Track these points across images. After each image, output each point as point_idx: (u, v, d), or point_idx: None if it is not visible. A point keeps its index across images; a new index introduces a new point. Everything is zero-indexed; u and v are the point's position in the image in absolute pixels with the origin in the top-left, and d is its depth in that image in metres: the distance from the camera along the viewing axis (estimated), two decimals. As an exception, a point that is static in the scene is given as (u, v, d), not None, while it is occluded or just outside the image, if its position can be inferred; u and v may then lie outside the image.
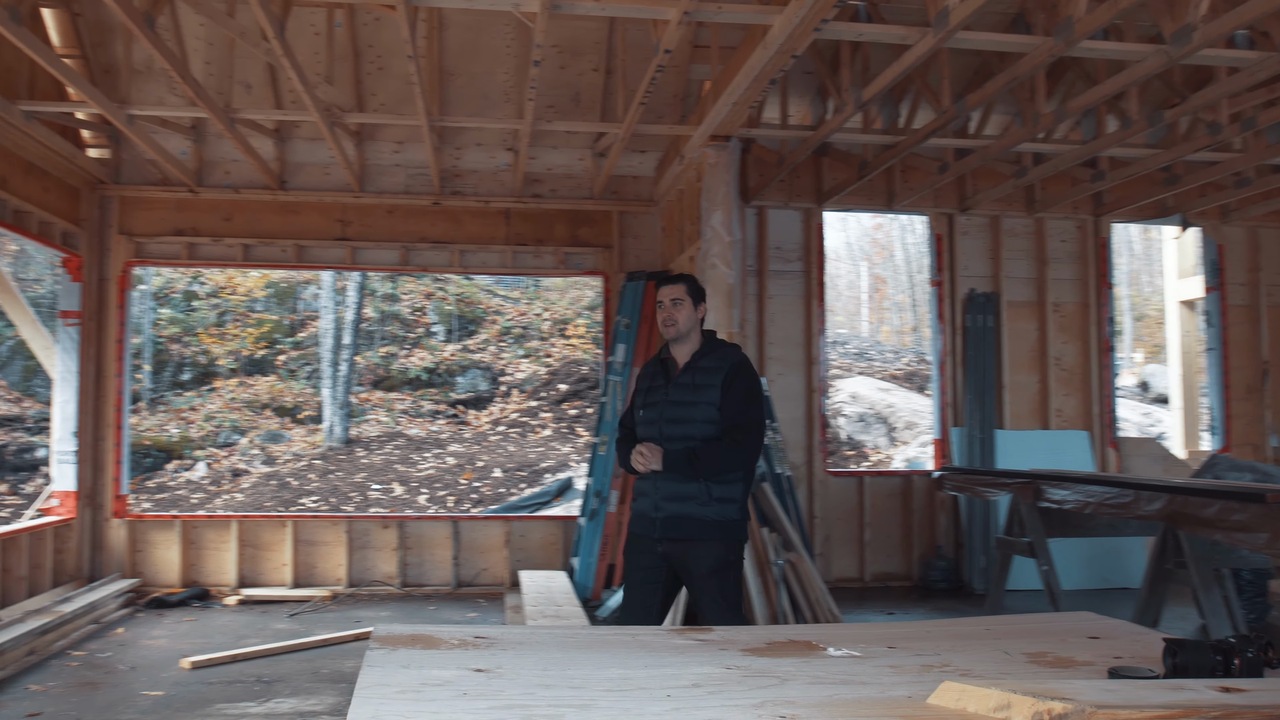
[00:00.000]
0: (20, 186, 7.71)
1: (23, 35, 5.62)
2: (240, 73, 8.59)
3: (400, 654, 2.54)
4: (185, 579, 8.83)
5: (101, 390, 8.90)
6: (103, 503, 8.83)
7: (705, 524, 4.20)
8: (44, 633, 6.76)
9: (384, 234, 9.23)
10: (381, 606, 8.44)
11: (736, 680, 2.36)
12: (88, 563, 8.70)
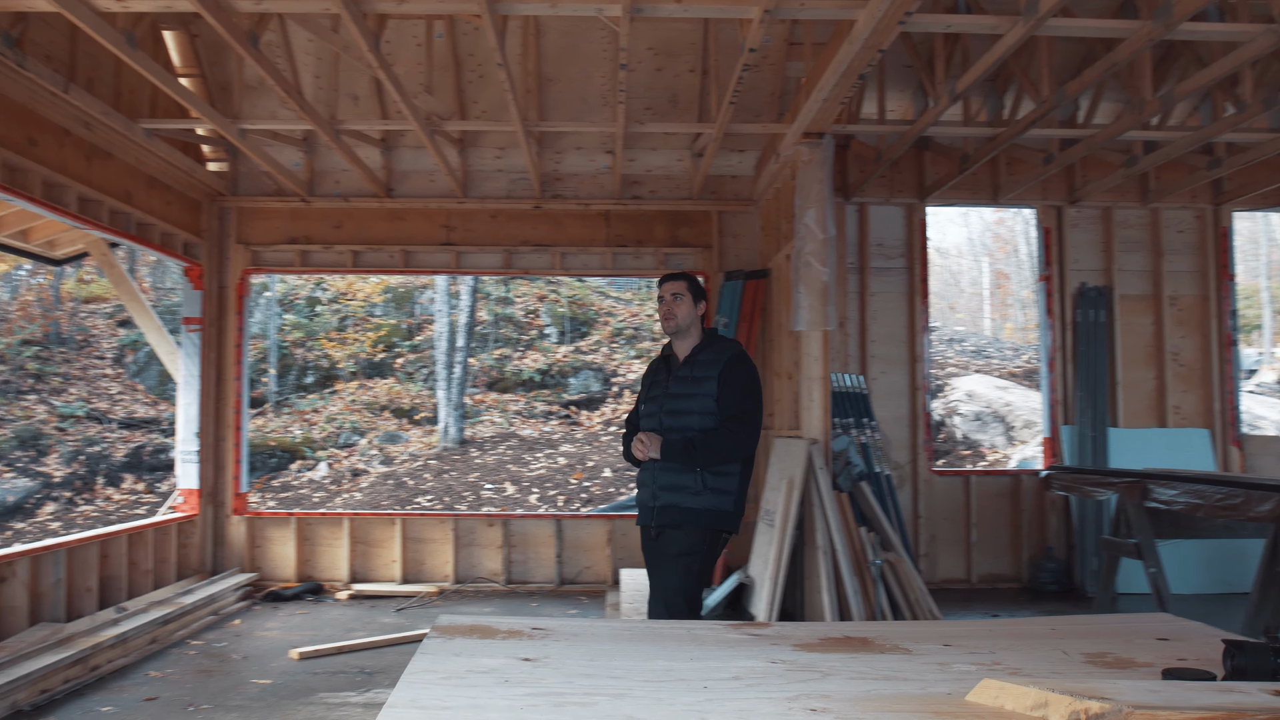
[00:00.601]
0: (144, 200, 8.12)
1: (139, 58, 5.90)
2: (348, 85, 8.87)
3: (455, 643, 2.62)
4: (300, 574, 9.16)
5: (222, 393, 9.30)
6: (224, 500, 9.23)
7: (691, 512, 4.32)
8: (165, 622, 7.11)
9: (487, 238, 9.43)
10: (485, 603, 8.62)
11: (778, 674, 2.37)
12: (210, 557, 9.10)
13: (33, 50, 6.35)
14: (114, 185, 7.61)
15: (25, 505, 15.13)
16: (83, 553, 7.18)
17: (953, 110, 8.73)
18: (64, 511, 15.25)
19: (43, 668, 5.58)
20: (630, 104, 8.82)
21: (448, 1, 5.72)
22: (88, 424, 17.30)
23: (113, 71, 7.37)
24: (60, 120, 6.84)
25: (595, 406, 19.58)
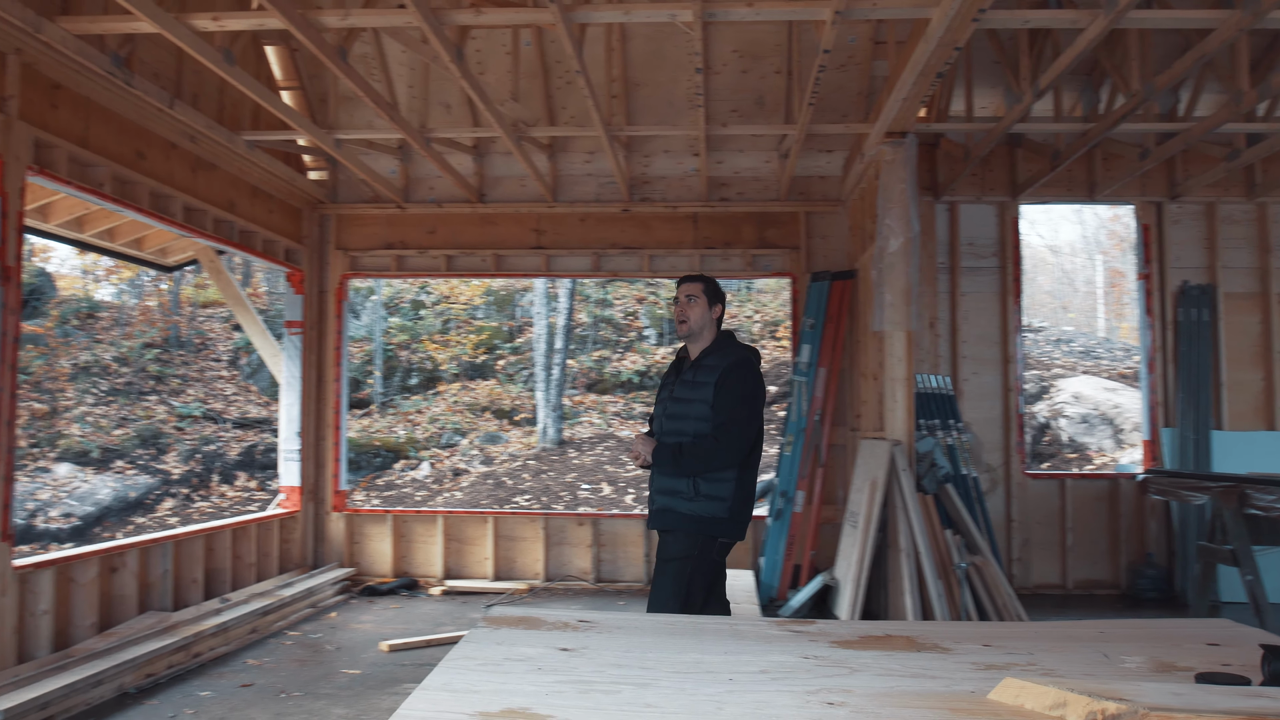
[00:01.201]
0: (247, 209, 8.47)
1: (237, 74, 6.18)
2: (440, 94, 9.12)
3: (501, 632, 2.72)
4: (396, 570, 9.44)
5: (322, 393, 9.64)
6: (324, 497, 9.56)
7: (683, 517, 4.28)
8: (265, 614, 7.41)
9: (577, 241, 9.58)
10: (574, 601, 8.76)
11: (806, 669, 2.42)
12: (311, 552, 9.44)
13: (141, 69, 6.69)
14: (218, 195, 7.96)
15: (146, 501, 15.85)
16: (189, 546, 7.53)
17: (1044, 106, 8.57)
18: (181, 507, 15.94)
19: (148, 653, 5.89)
20: (715, 106, 8.88)
21: (524, 11, 5.86)
22: (204, 424, 18.03)
23: (217, 87, 7.71)
24: (167, 134, 7.19)
25: (693, 408, 19.60)
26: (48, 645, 5.86)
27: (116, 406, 18.03)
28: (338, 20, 5.64)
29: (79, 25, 5.67)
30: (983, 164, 9.12)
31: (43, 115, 5.88)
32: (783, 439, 9.06)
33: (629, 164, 9.36)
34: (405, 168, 9.60)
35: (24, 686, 5.03)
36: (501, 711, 2.02)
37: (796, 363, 8.99)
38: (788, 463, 8.80)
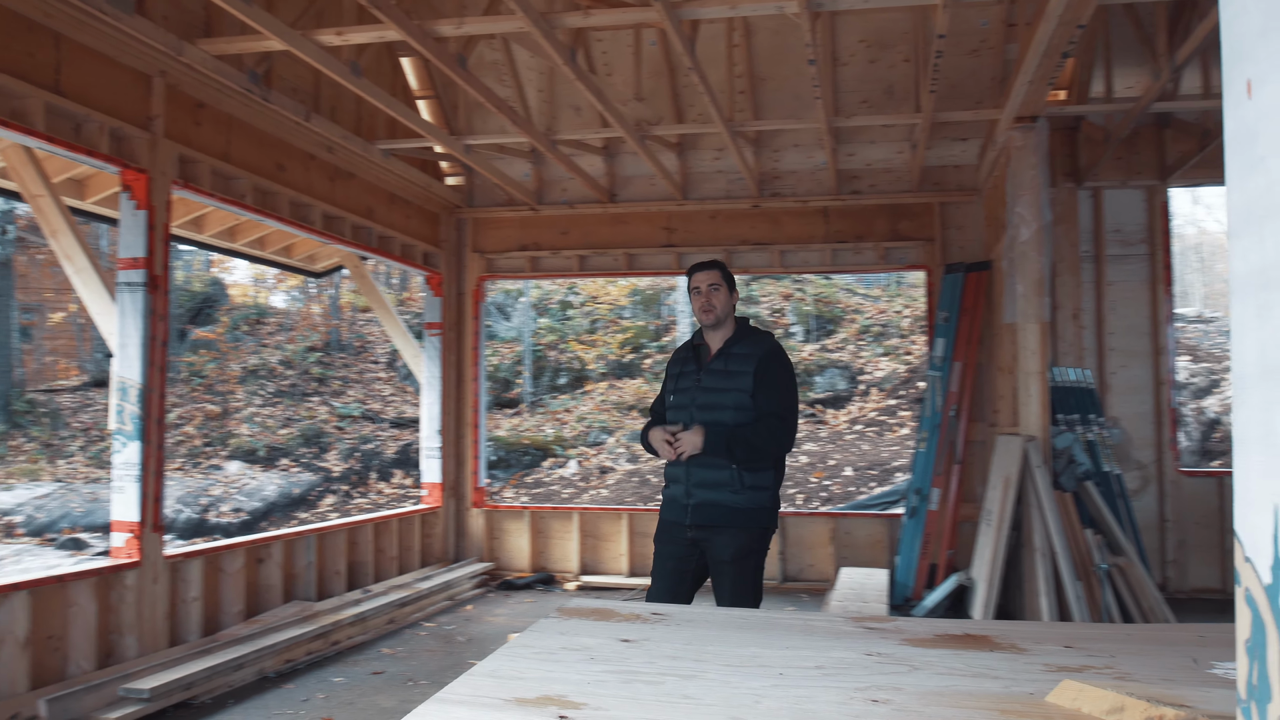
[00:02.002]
0: (384, 215, 8.79)
1: (364, 85, 6.43)
2: (569, 97, 9.26)
3: (569, 623, 2.76)
4: (534, 565, 9.64)
5: (461, 393, 9.92)
6: (464, 493, 9.84)
7: (734, 511, 4.12)
8: (402, 605, 7.68)
9: (707, 238, 9.58)
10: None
11: (864, 665, 2.37)
12: (452, 547, 9.73)
13: (280, 85, 7.04)
14: (355, 203, 8.29)
15: (309, 497, 16.60)
16: (332, 539, 7.86)
17: (1193, 83, 8.14)
18: (341, 503, 16.63)
19: (287, 639, 6.18)
20: (844, 98, 8.76)
21: (632, 11, 5.90)
22: (363, 423, 18.77)
23: (354, 99, 8.03)
24: (305, 146, 7.53)
25: (841, 405, 19.38)
26: (197, 630, 6.22)
27: (282, 407, 18.95)
28: (452, 29, 5.81)
29: (217, 46, 6.00)
30: (1129, 147, 8.72)
31: (186, 132, 6.24)
32: (917, 435, 8.86)
33: (758, 159, 9.32)
34: (538, 171, 9.79)
35: (170, 667, 5.36)
36: (537, 698, 2.06)
37: (931, 357, 8.77)
38: (922, 459, 8.60)
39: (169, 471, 16.69)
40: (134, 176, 5.81)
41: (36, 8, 5.10)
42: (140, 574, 5.68)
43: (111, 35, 5.51)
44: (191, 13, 6.18)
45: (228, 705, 5.35)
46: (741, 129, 8.03)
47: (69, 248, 5.95)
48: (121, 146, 5.75)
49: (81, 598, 5.36)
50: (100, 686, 5.00)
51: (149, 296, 5.78)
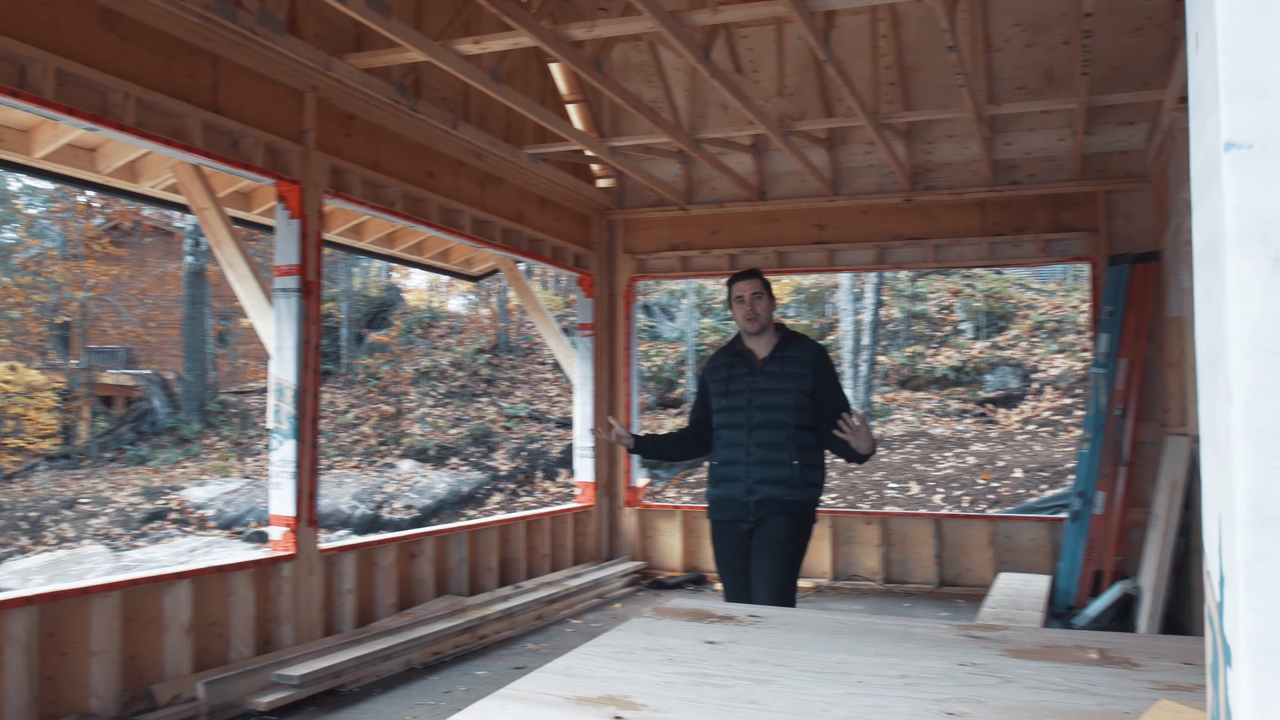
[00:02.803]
0: (534, 219, 8.96)
1: (505, 92, 6.57)
2: (716, 95, 9.22)
3: (660, 623, 2.75)
4: (686, 565, 9.65)
5: (613, 393, 10.03)
6: (617, 493, 9.94)
7: (791, 504, 4.29)
8: (550, 601, 7.81)
9: (858, 234, 9.40)
10: (859, 600, 8.60)
11: (952, 676, 2.28)
12: (605, 545, 9.83)
13: (429, 95, 7.26)
14: (505, 207, 8.48)
15: (477, 495, 17.08)
16: (484, 536, 8.07)
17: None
18: (508, 501, 17.05)
19: (435, 632, 6.37)
20: (999, 85, 8.44)
21: (762, 5, 5.84)
22: (529, 423, 19.20)
23: (503, 105, 8.21)
24: (454, 153, 7.75)
25: (1013, 404, 18.70)
26: (351, 621, 6.48)
27: (452, 408, 19.57)
28: (585, 32, 5.87)
29: (364, 60, 6.24)
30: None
31: (337, 144, 6.51)
32: (1080, 435, 8.45)
33: (910, 152, 9.07)
34: (687, 170, 9.79)
35: (321, 656, 5.60)
36: (599, 698, 2.05)
37: (1095, 353, 8.35)
38: (1086, 461, 8.20)
39: (346, 469, 17.47)
40: (288, 187, 6.10)
41: (196, 32, 5.41)
42: (296, 566, 5.96)
43: (265, 54, 5.79)
44: (342, 29, 6.45)
45: (374, 694, 5.56)
46: (888, 121, 7.83)
47: (231, 256, 6.29)
48: (276, 159, 6.05)
49: (241, 587, 5.66)
50: (255, 672, 5.26)
51: (303, 301, 6.06)
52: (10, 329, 21.21)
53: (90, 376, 21.12)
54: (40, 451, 20.27)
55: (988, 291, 21.13)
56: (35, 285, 21.71)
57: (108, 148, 6.44)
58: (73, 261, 21.25)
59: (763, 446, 4.34)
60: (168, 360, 24.01)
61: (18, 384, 21.20)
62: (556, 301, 23.79)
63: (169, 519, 14.79)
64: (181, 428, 20.11)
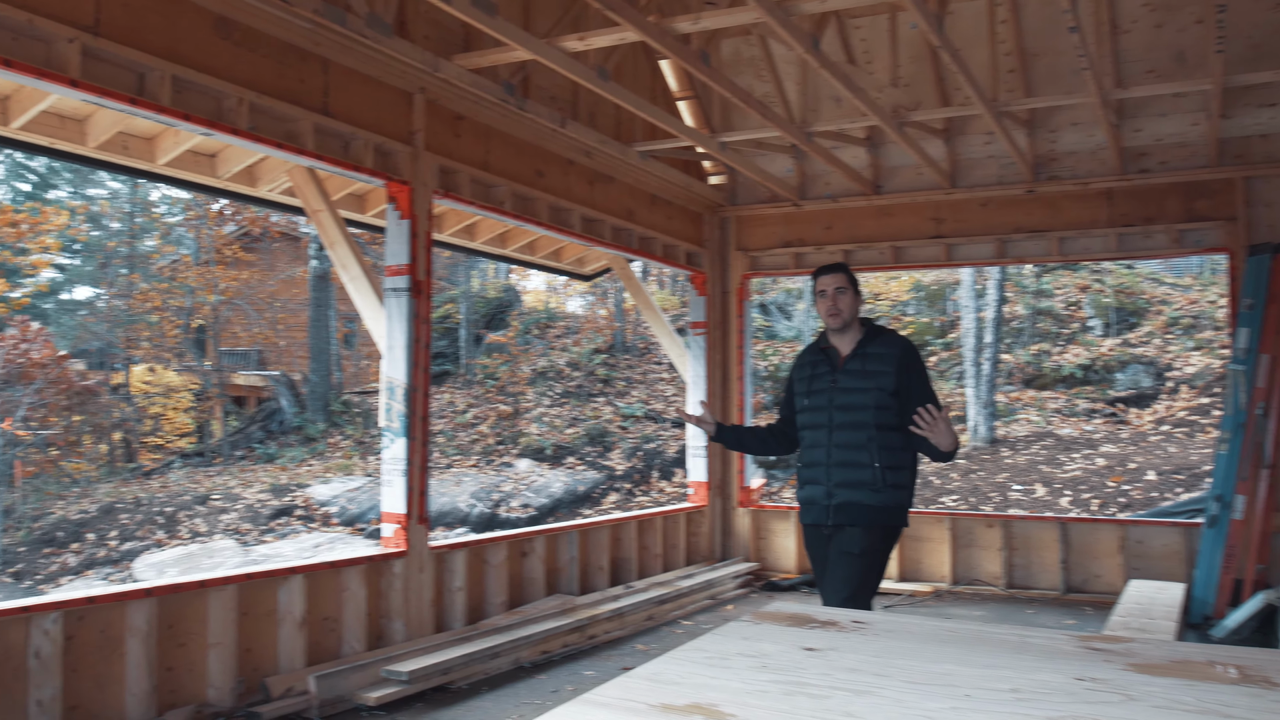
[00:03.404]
0: (645, 217, 8.92)
1: (612, 89, 6.53)
2: (829, 88, 9.02)
3: (758, 627, 2.65)
4: (800, 566, 9.47)
5: (726, 391, 9.91)
6: (730, 493, 9.82)
7: (873, 510, 4.12)
8: (661, 602, 7.75)
9: (978, 228, 9.09)
10: (978, 606, 8.32)
11: (1069, 692, 2.12)
12: (718, 546, 9.73)
13: (537, 94, 7.26)
14: (615, 205, 8.45)
15: (593, 494, 17.16)
16: (595, 535, 8.05)
17: None
18: (624, 501, 17.07)
19: (544, 631, 6.37)
20: (1127, 68, 8.07)
21: (872, -8, 5.66)
22: (645, 423, 19.20)
23: (612, 103, 8.17)
24: (563, 152, 7.75)
25: (1146, 404, 17.94)
26: (462, 618, 6.52)
27: (568, 407, 19.69)
28: (690, 25, 5.78)
29: (471, 60, 6.27)
30: None
31: (446, 144, 6.56)
32: (1219, 436, 8.01)
33: (1032, 141, 8.74)
34: (800, 165, 9.62)
35: (430, 652, 5.64)
36: (686, 705, 1.96)
37: (1234, 349, 7.90)
38: (1224, 463, 7.76)
39: (464, 468, 17.73)
40: (398, 188, 6.17)
41: (307, 37, 5.50)
42: (407, 563, 6.01)
43: (374, 57, 5.86)
44: (450, 30, 6.49)
45: (481, 691, 5.57)
46: (1008, 109, 7.55)
47: (344, 257, 6.39)
48: (386, 161, 6.11)
49: (353, 583, 5.74)
50: (365, 667, 5.33)
51: (413, 301, 6.11)
52: (149, 332, 22.15)
53: (223, 378, 21.92)
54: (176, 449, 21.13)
55: (1118, 286, 20.33)
56: (171, 290, 22.63)
57: (227, 153, 6.60)
58: (205, 267, 22.09)
59: (843, 448, 4.22)
60: (295, 361, 24.78)
61: (157, 385, 22.15)
62: (672, 301, 23.76)
63: (295, 515, 15.23)
64: (307, 427, 20.71)
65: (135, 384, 22.08)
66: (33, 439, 16.85)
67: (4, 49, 4.22)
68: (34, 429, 16.91)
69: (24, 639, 4.22)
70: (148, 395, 22.10)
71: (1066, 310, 20.38)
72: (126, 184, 24.62)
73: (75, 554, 13.78)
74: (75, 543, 14.13)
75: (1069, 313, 20.34)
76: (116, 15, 4.59)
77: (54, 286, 29.27)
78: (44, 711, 4.24)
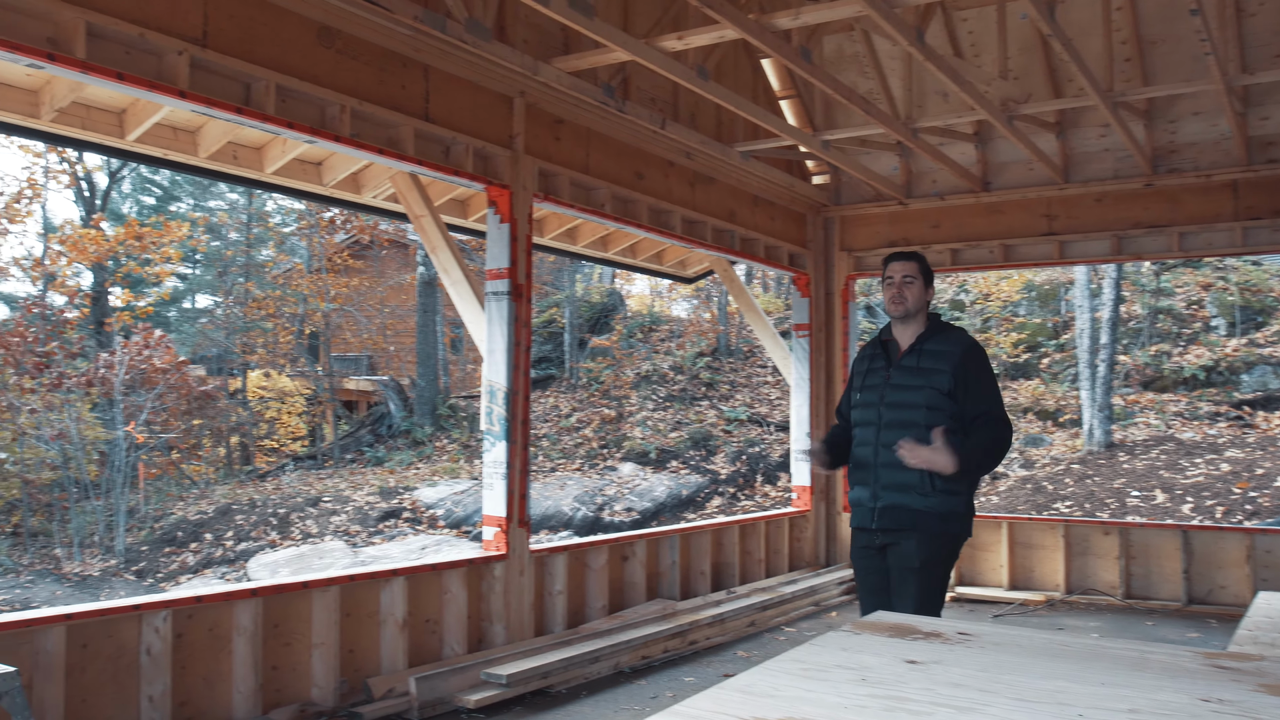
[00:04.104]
0: (747, 218, 8.82)
1: (712, 88, 6.45)
2: (935, 83, 8.81)
3: (858, 638, 2.55)
4: (906, 573, 9.24)
5: (830, 395, 9.74)
6: (834, 497, 9.65)
7: (922, 514, 3.86)
8: (764, 608, 7.63)
9: (1092, 224, 8.78)
10: (1093, 616, 8.01)
11: (1193, 714, 1.99)
12: (822, 551, 9.56)
13: (637, 95, 7.23)
14: (716, 206, 8.38)
15: (697, 499, 17.07)
16: (697, 539, 7.97)
17: None
18: (728, 505, 16.95)
19: (644, 636, 6.32)
20: (1251, 53, 7.69)
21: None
22: (749, 427, 19.05)
23: (713, 103, 8.10)
24: (663, 153, 7.71)
25: (1274, 406, 17.12)
26: (562, 622, 6.51)
27: (672, 411, 19.65)
28: (790, 20, 5.67)
29: (569, 63, 6.25)
30: None
31: (546, 147, 6.57)
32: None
33: (1150, 133, 8.40)
34: (906, 163, 9.41)
35: (530, 656, 5.63)
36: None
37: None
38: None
39: (569, 472, 17.82)
40: (498, 192, 6.20)
41: (407, 43, 5.56)
42: (507, 566, 6.02)
43: (474, 62, 5.89)
44: (550, 34, 6.49)
45: (580, 696, 5.54)
46: (1124, 99, 7.25)
47: (446, 262, 6.43)
48: (486, 165, 6.15)
49: (454, 586, 5.77)
50: (465, 669, 5.34)
51: (513, 304, 6.13)
52: (264, 339, 22.82)
53: (334, 382, 22.44)
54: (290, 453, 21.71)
55: (1243, 283, 19.44)
56: (284, 298, 23.28)
57: (332, 161, 6.72)
58: (317, 275, 22.66)
59: (890, 448, 3.97)
60: (403, 366, 25.26)
61: (271, 390, 22.80)
62: (777, 304, 23.55)
63: (402, 518, 15.48)
64: (415, 431, 21.06)
65: (252, 389, 22.76)
66: (155, 442, 17.48)
67: (117, 63, 4.35)
68: (155, 433, 17.55)
69: (136, 636, 4.34)
70: (263, 400, 22.76)
71: (1188, 309, 19.58)
72: (243, 195, 25.45)
73: (194, 553, 14.23)
74: (194, 542, 14.60)
75: (1190, 312, 19.54)
76: (224, 27, 4.69)
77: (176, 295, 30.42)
78: (155, 707, 4.34)
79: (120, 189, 31.25)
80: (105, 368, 16.64)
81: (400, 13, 5.13)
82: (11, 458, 17.36)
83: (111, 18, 4.24)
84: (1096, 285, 17.41)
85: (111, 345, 18.63)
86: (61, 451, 16.02)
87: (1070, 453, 16.48)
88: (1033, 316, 20.55)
